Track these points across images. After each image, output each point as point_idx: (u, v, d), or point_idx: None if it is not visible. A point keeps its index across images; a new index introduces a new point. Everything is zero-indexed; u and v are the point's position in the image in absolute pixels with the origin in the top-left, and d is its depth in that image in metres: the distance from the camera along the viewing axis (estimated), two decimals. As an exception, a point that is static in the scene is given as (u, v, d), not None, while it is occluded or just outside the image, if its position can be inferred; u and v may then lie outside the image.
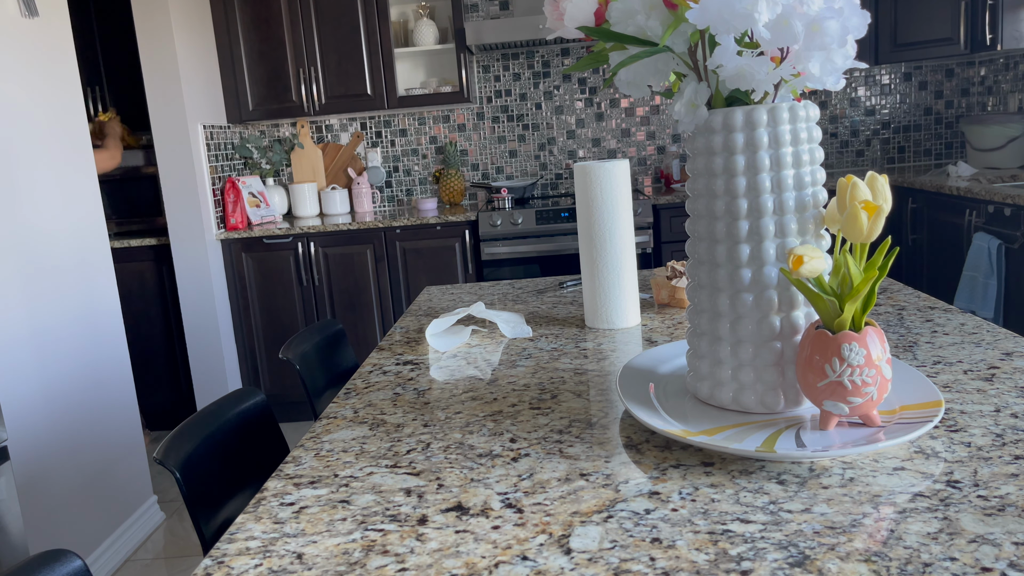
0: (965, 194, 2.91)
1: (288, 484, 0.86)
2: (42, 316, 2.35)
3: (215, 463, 1.16)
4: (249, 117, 3.80)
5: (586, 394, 1.08)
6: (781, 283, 0.87)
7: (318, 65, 3.73)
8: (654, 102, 4.11)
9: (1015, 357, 1.08)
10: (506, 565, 0.66)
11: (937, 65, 3.98)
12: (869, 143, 4.08)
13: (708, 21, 0.80)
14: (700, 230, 0.93)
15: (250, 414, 1.28)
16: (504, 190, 3.74)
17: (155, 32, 3.37)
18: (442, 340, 1.40)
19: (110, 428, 2.66)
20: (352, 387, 1.21)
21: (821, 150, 0.89)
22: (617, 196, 1.38)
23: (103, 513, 2.58)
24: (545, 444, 0.91)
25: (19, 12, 2.35)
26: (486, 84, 4.10)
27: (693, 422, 0.89)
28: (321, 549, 0.71)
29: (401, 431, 1.00)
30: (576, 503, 0.75)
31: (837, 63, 0.84)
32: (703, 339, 0.93)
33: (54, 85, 2.51)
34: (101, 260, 2.69)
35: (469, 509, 0.76)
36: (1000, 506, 0.68)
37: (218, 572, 0.69)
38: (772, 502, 0.72)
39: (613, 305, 1.41)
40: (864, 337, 0.79)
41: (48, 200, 2.43)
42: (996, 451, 0.79)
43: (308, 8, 3.69)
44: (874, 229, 0.80)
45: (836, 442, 0.80)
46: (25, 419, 2.24)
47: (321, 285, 3.64)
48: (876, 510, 0.69)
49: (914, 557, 0.62)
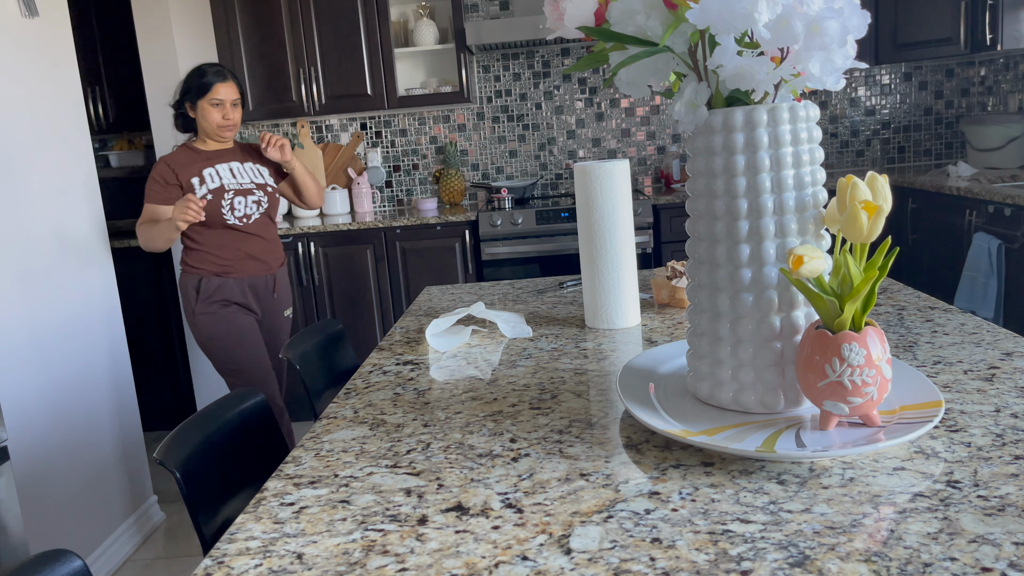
0: (965, 194, 2.91)
1: (288, 484, 0.86)
2: (42, 316, 2.35)
3: (215, 463, 1.16)
4: (249, 117, 3.80)
5: (586, 394, 1.08)
6: (781, 283, 0.87)
7: (318, 65, 3.73)
8: (654, 102, 4.10)
9: (1015, 357, 1.08)
10: (506, 565, 0.66)
11: (937, 65, 3.98)
12: (869, 143, 4.08)
13: (708, 21, 0.80)
14: (700, 230, 0.93)
15: (250, 414, 1.28)
16: (504, 190, 3.74)
17: (155, 32, 3.37)
18: (442, 340, 1.40)
19: (110, 428, 2.66)
20: (352, 387, 1.21)
21: (821, 150, 0.89)
22: (617, 196, 1.38)
23: (103, 513, 2.58)
24: (545, 444, 0.91)
25: (19, 12, 2.35)
26: (486, 84, 4.10)
27: (693, 422, 0.89)
28: (321, 549, 0.71)
29: (401, 431, 1.00)
30: (576, 503, 0.75)
31: (837, 63, 0.84)
32: (703, 339, 0.93)
33: (54, 85, 2.50)
34: (101, 260, 2.69)
35: (469, 509, 0.76)
36: (1000, 506, 0.68)
37: (218, 572, 0.69)
38: (772, 502, 0.72)
39: (613, 305, 1.41)
40: (864, 337, 0.79)
41: (48, 200, 2.43)
42: (996, 451, 0.79)
43: (308, 8, 3.69)
44: (874, 229, 0.80)
45: (836, 442, 0.80)
46: (25, 419, 2.24)
47: (321, 285, 3.64)
48: (876, 510, 0.69)
49: (914, 557, 0.62)
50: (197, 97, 2.42)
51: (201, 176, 2.43)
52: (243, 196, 2.46)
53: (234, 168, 2.49)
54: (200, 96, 2.41)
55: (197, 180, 2.42)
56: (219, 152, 2.51)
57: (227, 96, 2.43)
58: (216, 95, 2.41)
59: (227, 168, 2.48)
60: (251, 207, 2.48)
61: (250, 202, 2.48)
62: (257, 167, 2.56)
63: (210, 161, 2.47)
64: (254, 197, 2.49)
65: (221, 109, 2.43)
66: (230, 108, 2.44)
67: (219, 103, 2.42)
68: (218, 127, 2.44)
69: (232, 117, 2.45)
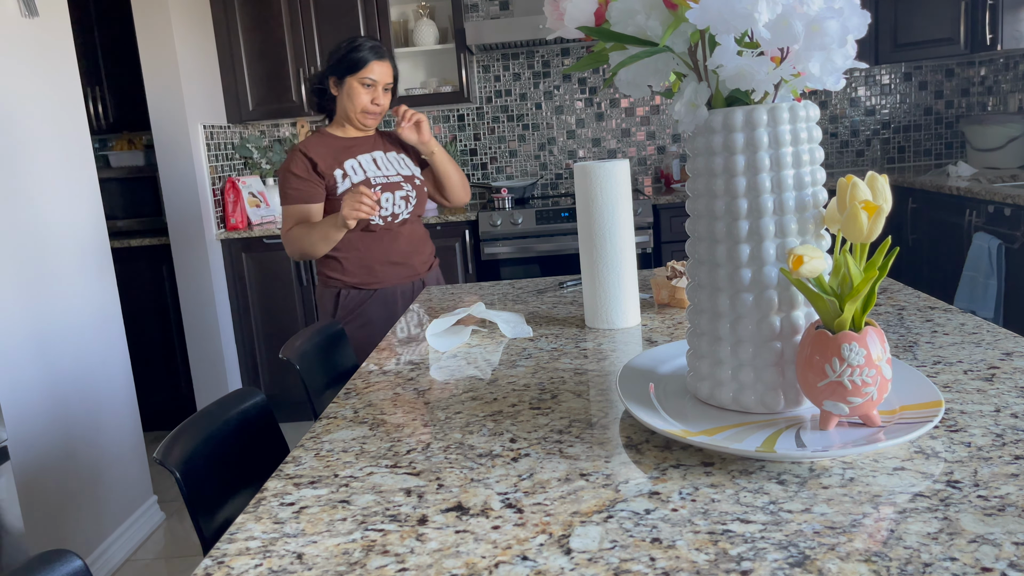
0: (965, 194, 2.91)
1: (288, 484, 0.86)
2: (42, 316, 2.35)
3: (215, 463, 1.16)
4: (249, 117, 3.80)
5: (586, 394, 1.08)
6: (781, 283, 0.87)
7: (318, 65, 3.73)
8: (654, 102, 4.10)
9: (1015, 357, 1.08)
10: (506, 565, 0.66)
11: (937, 65, 3.98)
12: (869, 143, 4.08)
13: (708, 21, 0.80)
14: (700, 230, 0.93)
15: (250, 414, 1.28)
16: (504, 190, 3.74)
17: (155, 32, 3.37)
18: (442, 340, 1.40)
19: (110, 428, 2.66)
20: (352, 387, 1.21)
21: (821, 150, 0.89)
22: (617, 196, 1.38)
23: (103, 513, 2.58)
24: (545, 444, 0.91)
25: (19, 12, 2.35)
26: (486, 84, 4.10)
27: (693, 422, 0.89)
28: (321, 549, 0.71)
29: (401, 431, 1.00)
30: (576, 503, 0.75)
31: (837, 63, 0.84)
32: (703, 339, 0.93)
33: (54, 85, 2.50)
34: (101, 260, 2.69)
35: (469, 509, 0.76)
36: (1000, 506, 0.68)
37: (218, 572, 0.69)
38: (772, 502, 0.72)
39: (613, 305, 1.41)
40: (864, 337, 0.79)
41: (48, 200, 2.43)
42: (996, 451, 0.79)
43: (308, 8, 3.69)
44: (874, 229, 0.80)
45: (836, 442, 0.80)
46: (25, 419, 2.24)
47: (321, 285, 3.63)
48: (876, 510, 0.69)
49: (914, 557, 0.62)
50: (346, 73, 2.08)
51: (343, 168, 2.11)
52: (390, 192, 2.11)
53: (378, 158, 2.17)
54: (350, 72, 2.07)
55: (340, 173, 2.10)
56: (359, 140, 2.18)
57: (381, 78, 2.09)
58: (369, 74, 2.06)
59: (370, 159, 2.15)
60: (399, 204, 2.12)
61: (398, 198, 2.12)
62: (402, 157, 2.22)
63: (351, 151, 2.14)
64: (402, 192, 2.13)
65: (371, 92, 2.09)
66: (381, 93, 2.11)
67: (371, 84, 2.08)
68: (362, 112, 2.11)
69: (381, 103, 2.12)
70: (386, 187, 2.10)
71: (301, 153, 2.09)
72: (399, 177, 2.14)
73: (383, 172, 2.13)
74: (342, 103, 2.12)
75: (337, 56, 2.09)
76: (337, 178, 2.08)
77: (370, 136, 2.20)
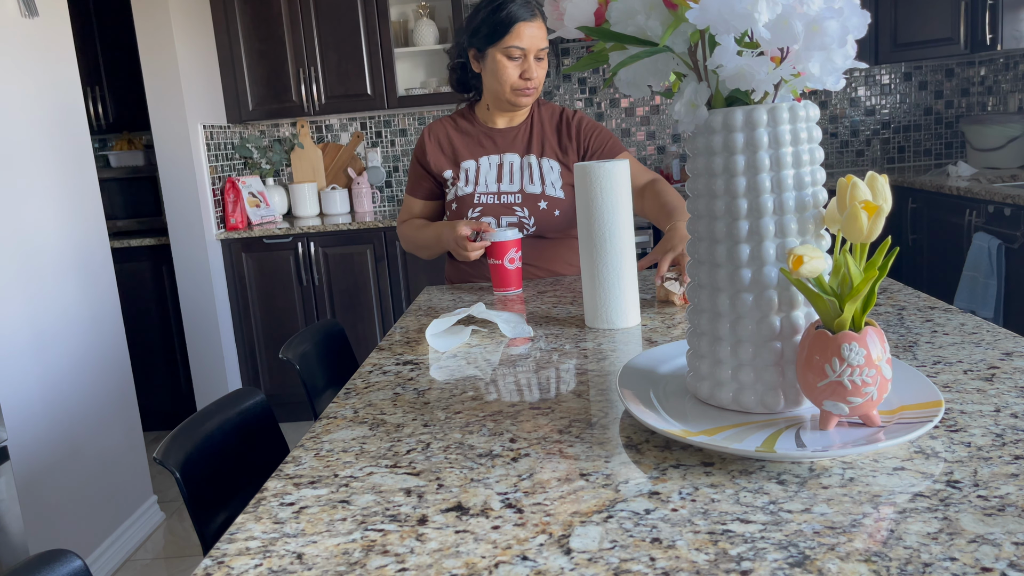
0: (965, 194, 2.91)
1: (288, 484, 0.86)
2: (42, 316, 2.35)
3: (215, 463, 1.16)
4: (249, 117, 3.80)
5: (586, 394, 1.08)
6: (781, 283, 0.87)
7: (318, 65, 3.73)
8: (654, 102, 4.10)
9: (1015, 357, 1.08)
10: (506, 565, 0.66)
11: (937, 65, 3.98)
12: (869, 143, 4.08)
13: (708, 21, 0.80)
14: (700, 230, 0.93)
15: (250, 414, 1.28)
16: (504, 190, 3.73)
17: (155, 32, 3.37)
18: (442, 340, 1.40)
19: (110, 428, 2.66)
20: (352, 387, 1.21)
21: (821, 150, 0.89)
22: (617, 196, 1.38)
23: (103, 513, 2.58)
24: (545, 444, 0.91)
25: (19, 12, 2.35)
26: (486, 84, 4.10)
27: (693, 422, 0.89)
28: (321, 549, 0.71)
29: (401, 431, 1.00)
30: (576, 503, 0.75)
31: (837, 63, 0.84)
32: (703, 339, 0.93)
33: (54, 85, 2.50)
34: (101, 260, 2.69)
35: (469, 509, 0.76)
36: (1000, 506, 0.68)
37: (218, 572, 0.69)
38: (772, 502, 0.72)
39: (613, 305, 1.41)
40: (864, 337, 0.79)
41: (48, 200, 2.43)
42: (996, 451, 0.79)
43: (308, 8, 3.69)
44: (874, 229, 0.80)
45: (836, 442, 0.80)
46: (25, 419, 2.24)
47: (321, 285, 3.63)
48: (876, 510, 0.69)
49: (914, 557, 0.62)
50: (489, 42, 1.64)
51: (456, 169, 1.75)
52: (493, 216, 1.72)
53: (506, 164, 1.75)
54: (494, 41, 1.64)
55: (450, 174, 1.75)
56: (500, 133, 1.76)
57: (531, 44, 1.64)
58: (516, 41, 1.62)
59: (495, 163, 1.75)
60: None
61: (505, 224, 1.72)
62: (551, 163, 1.76)
63: (478, 146, 1.76)
64: (511, 219, 1.72)
65: (521, 64, 1.65)
66: (533, 63, 1.66)
67: (520, 53, 1.64)
68: (512, 90, 1.67)
69: (535, 75, 1.66)
70: (489, 210, 1.72)
71: (423, 139, 1.81)
72: (518, 196, 1.73)
73: (500, 186, 1.73)
74: (486, 80, 1.71)
75: (475, 22, 1.67)
76: (447, 179, 1.76)
77: (520, 126, 1.77)
